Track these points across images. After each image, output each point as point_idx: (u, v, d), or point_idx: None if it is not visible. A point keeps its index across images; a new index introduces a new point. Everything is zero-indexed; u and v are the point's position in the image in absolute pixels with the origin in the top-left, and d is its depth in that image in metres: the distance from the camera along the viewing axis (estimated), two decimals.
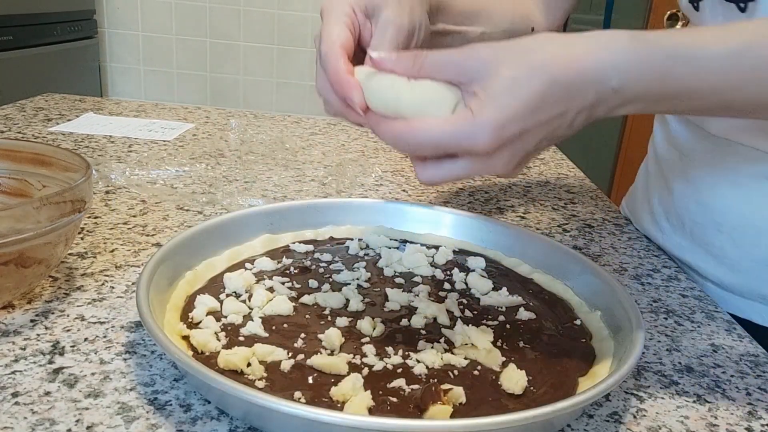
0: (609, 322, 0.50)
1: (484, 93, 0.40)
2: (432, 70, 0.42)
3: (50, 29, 2.12)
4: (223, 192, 0.78)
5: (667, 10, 2.72)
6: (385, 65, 0.43)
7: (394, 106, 0.42)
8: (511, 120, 0.40)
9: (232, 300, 0.50)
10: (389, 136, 0.42)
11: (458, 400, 0.40)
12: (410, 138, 0.41)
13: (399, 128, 0.42)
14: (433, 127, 0.40)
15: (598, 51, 0.41)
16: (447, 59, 0.42)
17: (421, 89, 0.42)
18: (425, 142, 0.41)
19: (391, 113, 0.42)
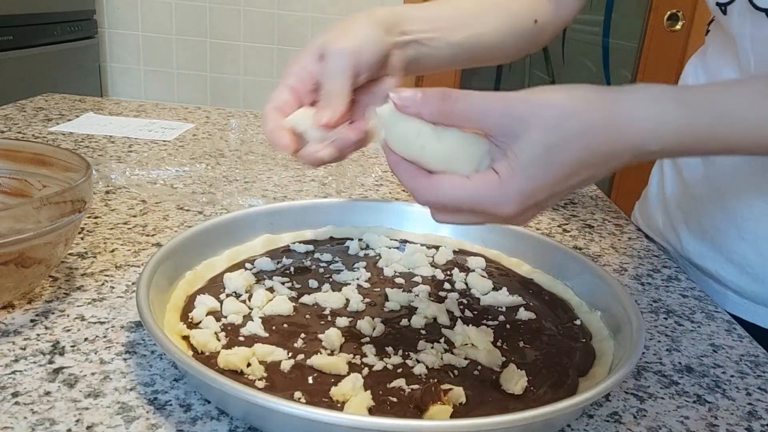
0: (609, 322, 0.50)
1: (515, 159, 0.38)
2: (461, 118, 0.39)
3: (50, 29, 2.12)
4: (223, 192, 0.78)
5: (667, 10, 2.73)
6: (409, 110, 0.40)
7: (418, 155, 0.40)
8: (540, 189, 0.38)
9: (232, 300, 0.50)
10: (409, 185, 0.40)
11: (458, 400, 0.40)
12: (432, 194, 0.39)
13: (421, 183, 0.40)
14: (457, 188, 0.39)
15: (643, 120, 0.39)
16: (478, 109, 0.39)
17: (448, 141, 0.39)
18: (447, 200, 0.39)
19: (412, 159, 0.40)
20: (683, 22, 2.60)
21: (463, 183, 0.39)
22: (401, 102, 0.40)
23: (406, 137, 0.40)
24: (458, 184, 0.39)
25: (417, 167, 0.40)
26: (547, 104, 0.38)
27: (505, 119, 0.38)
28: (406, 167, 0.40)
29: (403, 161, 0.40)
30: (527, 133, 0.38)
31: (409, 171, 0.40)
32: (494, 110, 0.39)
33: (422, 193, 0.40)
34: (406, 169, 0.40)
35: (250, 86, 2.64)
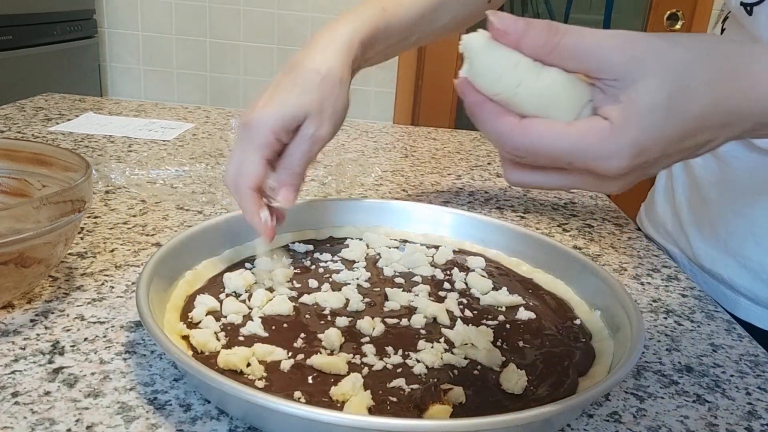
0: (609, 322, 0.50)
1: (632, 104, 0.32)
2: (567, 56, 0.33)
3: (50, 29, 2.12)
4: (223, 192, 0.78)
5: (666, 10, 2.73)
6: (509, 38, 0.33)
7: (510, 93, 0.34)
8: (654, 144, 0.33)
9: (232, 300, 0.50)
10: (495, 128, 0.34)
11: (458, 400, 0.40)
12: (525, 140, 0.33)
13: (511, 125, 0.34)
14: (558, 133, 0.33)
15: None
16: (589, 46, 0.33)
17: (549, 80, 0.33)
18: (542, 148, 0.33)
19: (500, 99, 0.34)
20: (683, 22, 2.60)
21: (565, 129, 0.33)
22: (502, 26, 0.33)
23: (498, 71, 0.34)
24: (559, 130, 0.33)
25: (504, 108, 0.34)
26: (671, 47, 0.33)
27: (620, 58, 0.32)
28: (492, 107, 0.34)
29: (489, 101, 0.34)
30: (646, 77, 0.32)
31: (495, 111, 0.34)
32: (609, 47, 0.32)
33: (511, 138, 0.34)
34: (491, 110, 0.34)
35: (250, 86, 2.64)
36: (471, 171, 0.99)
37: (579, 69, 0.33)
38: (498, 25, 0.33)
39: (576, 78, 0.34)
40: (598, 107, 0.33)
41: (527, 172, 0.36)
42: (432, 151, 1.09)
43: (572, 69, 0.33)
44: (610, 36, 0.33)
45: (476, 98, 0.34)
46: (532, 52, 0.33)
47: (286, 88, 0.52)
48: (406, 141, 1.16)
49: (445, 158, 1.05)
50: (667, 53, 0.33)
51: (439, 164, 1.01)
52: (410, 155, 1.06)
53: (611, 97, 0.33)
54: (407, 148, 1.11)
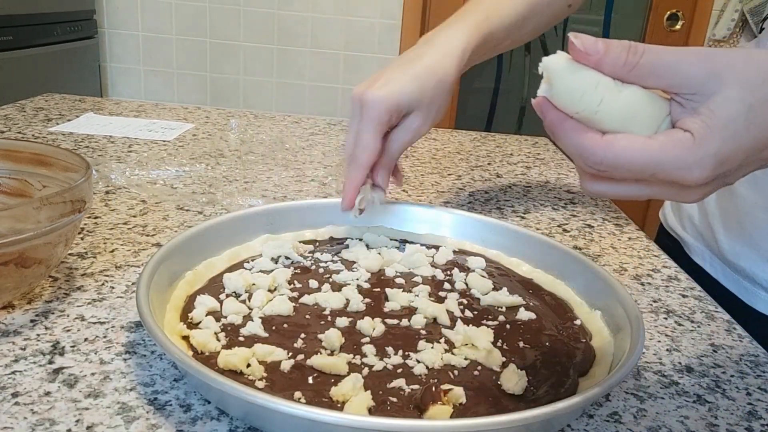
0: (609, 322, 0.50)
1: (712, 115, 0.33)
2: (646, 73, 0.34)
3: (50, 29, 2.12)
4: (223, 192, 0.78)
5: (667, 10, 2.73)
6: (591, 58, 0.35)
7: (592, 111, 0.35)
8: (735, 154, 0.34)
9: (232, 300, 0.50)
10: (577, 144, 0.36)
11: (458, 400, 0.40)
12: (608, 155, 0.34)
13: (593, 141, 0.35)
14: (641, 148, 0.34)
15: None
16: (668, 63, 0.34)
17: (630, 97, 0.35)
18: (625, 162, 0.34)
19: (580, 117, 0.36)
20: (683, 22, 2.60)
21: (648, 143, 0.34)
22: (584, 48, 0.35)
23: (580, 91, 0.35)
24: (642, 144, 0.34)
25: (585, 125, 0.36)
26: (748, 60, 0.34)
27: (699, 73, 0.34)
28: (574, 124, 0.36)
29: (569, 118, 0.36)
30: (725, 89, 0.33)
31: (577, 128, 0.35)
32: (687, 63, 0.34)
33: (594, 154, 0.35)
34: (573, 127, 0.36)
35: (250, 86, 2.64)
36: (471, 171, 0.99)
37: (658, 86, 0.35)
38: (580, 46, 0.35)
39: (654, 93, 0.35)
40: (677, 120, 0.35)
41: (606, 184, 0.37)
42: (432, 151, 1.09)
43: (651, 86, 0.35)
44: (687, 53, 0.34)
45: (557, 116, 0.36)
46: (612, 72, 0.35)
47: (405, 76, 0.56)
48: None
49: (445, 158, 1.05)
50: (744, 66, 0.34)
51: (439, 164, 1.01)
52: (410, 155, 1.06)
53: (690, 110, 0.34)
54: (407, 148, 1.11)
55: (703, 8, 2.57)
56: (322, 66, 2.60)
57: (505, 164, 1.05)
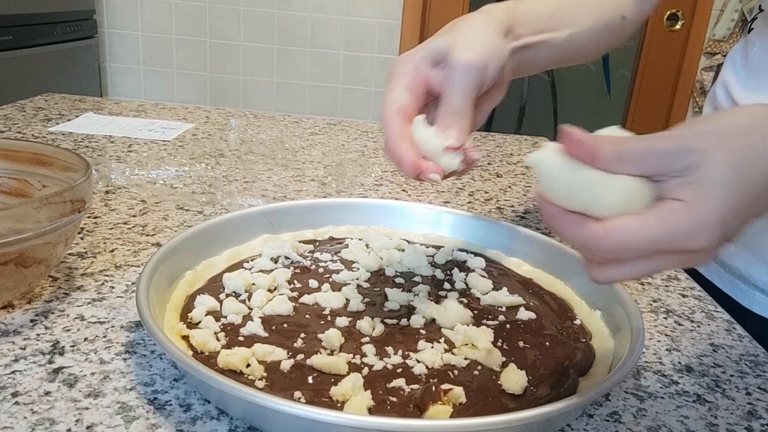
0: (609, 321, 0.50)
1: (702, 182, 0.34)
2: (634, 163, 0.35)
3: (50, 29, 2.12)
4: (223, 192, 0.78)
5: (666, 10, 2.72)
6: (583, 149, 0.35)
7: (586, 207, 0.35)
8: (733, 213, 0.34)
9: (232, 300, 0.50)
10: (578, 237, 0.36)
11: (458, 400, 0.40)
12: (612, 241, 0.34)
13: (595, 232, 0.35)
14: (641, 226, 0.34)
15: None
16: (651, 150, 0.35)
17: (622, 189, 0.35)
18: (633, 246, 0.34)
19: (577, 209, 0.36)
20: (683, 22, 2.60)
21: (645, 219, 0.34)
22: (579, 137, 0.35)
23: (572, 188, 0.36)
24: (640, 222, 0.34)
25: (581, 216, 0.36)
26: (721, 129, 0.36)
27: (680, 153, 0.35)
28: (571, 218, 0.36)
29: (566, 212, 0.36)
30: (708, 158, 0.34)
31: (575, 221, 0.36)
32: (667, 147, 0.35)
33: (598, 244, 0.35)
34: (571, 220, 0.36)
35: (250, 86, 2.64)
36: (471, 171, 0.99)
37: (645, 172, 0.35)
38: (576, 139, 0.35)
39: (639, 178, 0.35)
40: (667, 194, 0.35)
41: (616, 268, 0.36)
42: None
43: (638, 173, 0.35)
44: (664, 138, 0.35)
45: (552, 210, 0.36)
46: (604, 165, 0.35)
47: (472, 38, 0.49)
48: None
49: None
50: (722, 135, 0.35)
51: None
52: None
53: (680, 182, 0.35)
54: None
55: (703, 8, 2.57)
56: (322, 66, 2.60)
57: (505, 164, 1.05)
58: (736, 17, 2.51)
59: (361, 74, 2.61)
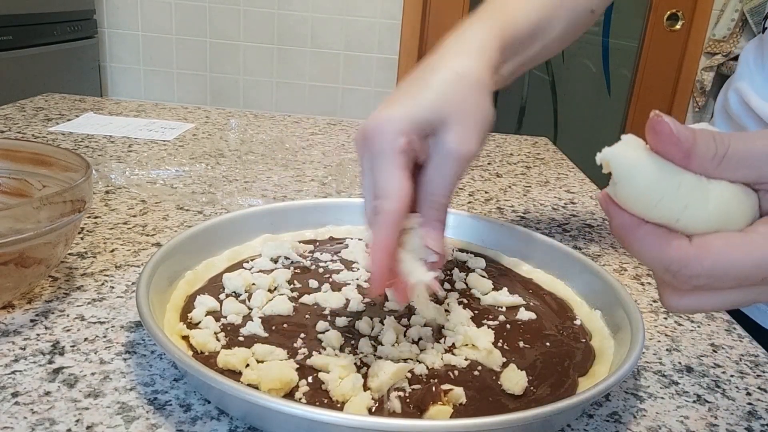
0: (609, 321, 0.50)
1: None
2: (740, 166, 0.29)
3: (50, 29, 2.12)
4: (223, 192, 0.78)
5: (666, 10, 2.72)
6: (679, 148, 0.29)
7: (671, 219, 0.29)
8: None
9: (232, 300, 0.50)
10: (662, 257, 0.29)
11: (458, 400, 0.40)
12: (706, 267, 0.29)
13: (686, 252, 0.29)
14: (746, 250, 0.28)
15: None
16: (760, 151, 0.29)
17: (720, 197, 0.29)
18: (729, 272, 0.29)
19: (658, 220, 0.29)
20: (683, 22, 2.60)
21: (750, 239, 0.28)
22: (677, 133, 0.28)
23: (657, 193, 0.29)
24: (743, 242, 0.28)
25: (665, 230, 0.29)
26: None
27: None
28: (651, 232, 0.29)
29: (645, 224, 0.30)
30: None
31: (657, 236, 0.29)
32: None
33: (688, 266, 0.29)
34: (651, 235, 0.29)
35: (250, 86, 2.64)
36: (471, 171, 0.99)
37: (749, 178, 0.29)
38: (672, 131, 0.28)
39: (741, 186, 0.30)
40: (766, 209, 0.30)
41: (700, 297, 0.31)
42: None
43: (740, 179, 0.29)
44: None
45: (627, 221, 0.30)
46: (700, 167, 0.29)
47: (415, 88, 0.42)
48: None
49: None
50: None
51: None
52: None
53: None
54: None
55: (703, 8, 2.57)
56: (322, 66, 2.60)
57: (505, 164, 1.05)
58: (736, 17, 2.51)
59: (361, 74, 2.61)
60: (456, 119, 0.41)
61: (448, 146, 0.41)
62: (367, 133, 0.40)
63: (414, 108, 0.41)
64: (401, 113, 0.40)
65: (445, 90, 0.42)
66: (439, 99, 0.41)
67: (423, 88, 0.42)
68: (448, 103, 0.41)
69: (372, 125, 0.40)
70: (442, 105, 0.41)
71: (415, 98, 0.41)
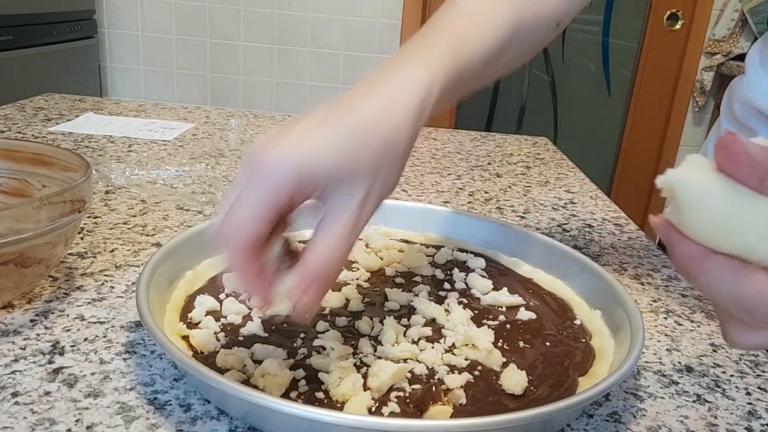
0: (609, 321, 0.50)
1: None
2: None
3: (50, 29, 2.12)
4: (223, 192, 0.78)
5: (666, 10, 2.72)
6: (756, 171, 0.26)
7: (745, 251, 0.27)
8: None
9: (232, 300, 0.50)
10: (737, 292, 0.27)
11: (458, 400, 0.40)
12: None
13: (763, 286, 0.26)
14: None
15: None
16: None
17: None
18: None
19: (728, 249, 0.27)
20: (683, 22, 2.60)
21: None
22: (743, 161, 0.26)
23: (730, 223, 0.26)
24: None
25: (738, 262, 0.27)
26: None
27: None
28: (722, 264, 0.27)
29: (714, 255, 0.27)
30: None
31: (730, 269, 0.27)
32: None
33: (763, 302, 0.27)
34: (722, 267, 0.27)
35: (250, 86, 2.64)
36: (471, 171, 0.99)
37: None
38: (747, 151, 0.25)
39: None
40: None
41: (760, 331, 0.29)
42: (432, 151, 1.09)
43: None
44: None
45: (694, 252, 0.28)
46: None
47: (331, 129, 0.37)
48: None
49: (445, 158, 1.05)
50: None
51: (439, 164, 1.01)
52: (410, 155, 1.05)
53: None
54: None
55: (703, 8, 2.57)
56: (322, 66, 2.60)
57: (505, 164, 1.05)
58: (736, 17, 2.51)
59: (361, 74, 2.61)
60: (357, 181, 0.37)
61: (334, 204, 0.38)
62: (264, 162, 0.36)
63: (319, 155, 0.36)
64: (306, 155, 0.36)
65: (358, 143, 0.37)
66: (349, 153, 0.36)
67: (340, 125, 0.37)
68: (355, 162, 0.37)
69: (273, 157, 0.36)
70: (347, 162, 0.36)
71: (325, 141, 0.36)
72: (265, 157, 0.36)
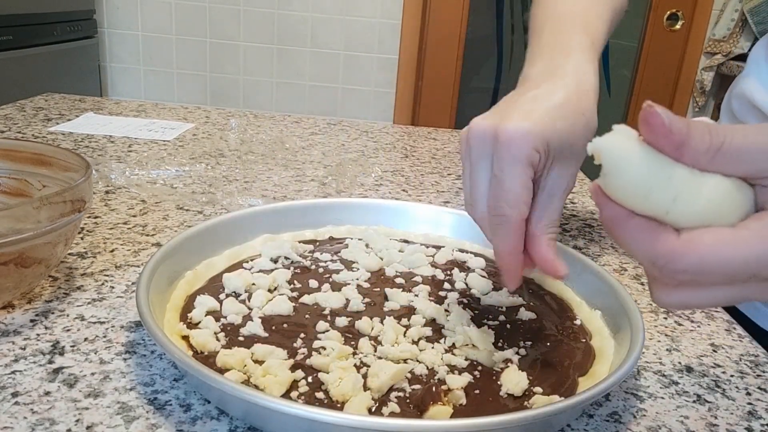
0: (609, 321, 0.50)
1: None
2: (734, 160, 0.28)
3: (50, 29, 2.12)
4: (223, 192, 0.78)
5: (666, 10, 2.73)
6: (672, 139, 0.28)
7: (660, 212, 0.29)
8: None
9: (232, 300, 0.50)
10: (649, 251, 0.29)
11: (458, 400, 0.40)
12: (694, 262, 0.28)
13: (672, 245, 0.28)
14: (736, 246, 0.28)
15: None
16: (756, 145, 0.28)
17: (714, 191, 0.28)
18: (717, 268, 0.28)
19: (648, 212, 0.29)
20: (683, 22, 2.60)
21: (740, 235, 0.28)
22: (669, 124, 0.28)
23: (647, 185, 0.28)
24: (733, 238, 0.28)
25: (654, 223, 0.29)
26: None
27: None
28: (640, 225, 0.29)
29: (634, 216, 0.29)
30: None
31: (646, 229, 0.29)
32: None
33: (675, 261, 0.28)
34: (640, 228, 0.29)
35: (250, 86, 2.64)
36: None
37: (744, 173, 0.29)
38: (663, 122, 0.28)
39: (737, 180, 0.29)
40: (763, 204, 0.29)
41: (688, 292, 0.30)
42: (432, 151, 1.09)
43: (734, 173, 0.29)
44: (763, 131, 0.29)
45: (616, 213, 0.30)
46: (693, 159, 0.28)
47: (549, 109, 0.42)
48: (406, 141, 1.16)
49: (445, 158, 1.05)
50: None
51: (439, 164, 1.01)
52: (410, 155, 1.06)
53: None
54: (407, 148, 1.11)
55: (703, 8, 2.57)
56: (322, 66, 2.60)
57: None
58: (736, 17, 2.51)
59: (361, 74, 2.61)
60: (573, 155, 0.43)
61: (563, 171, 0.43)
62: (505, 136, 0.40)
63: (551, 130, 0.41)
64: (539, 130, 0.41)
65: (573, 122, 0.43)
66: (569, 129, 0.42)
67: (554, 106, 0.42)
68: (573, 137, 0.42)
69: (510, 131, 0.40)
70: (568, 137, 0.42)
71: (552, 118, 0.42)
72: (508, 130, 0.40)
